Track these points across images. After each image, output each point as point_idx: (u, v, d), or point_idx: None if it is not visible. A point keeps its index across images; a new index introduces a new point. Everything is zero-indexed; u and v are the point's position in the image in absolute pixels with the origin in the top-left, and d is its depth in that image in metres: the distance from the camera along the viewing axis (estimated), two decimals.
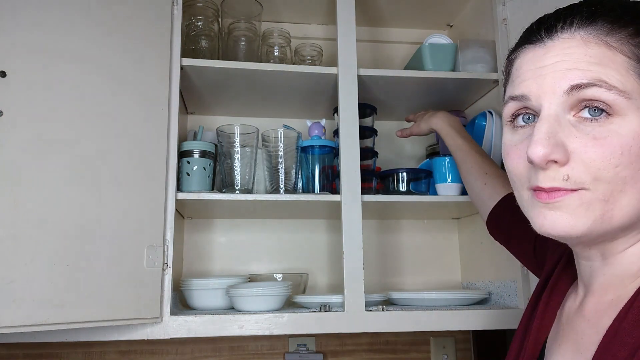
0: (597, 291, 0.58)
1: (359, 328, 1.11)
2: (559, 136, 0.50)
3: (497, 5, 1.30)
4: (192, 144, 1.22)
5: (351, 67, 1.23)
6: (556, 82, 0.51)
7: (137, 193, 1.02)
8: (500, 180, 1.00)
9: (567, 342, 0.59)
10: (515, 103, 0.55)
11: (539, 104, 0.52)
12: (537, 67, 0.53)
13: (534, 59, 0.54)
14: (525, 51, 0.56)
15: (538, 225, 0.53)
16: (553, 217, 0.51)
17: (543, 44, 0.53)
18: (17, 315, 0.86)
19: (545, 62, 0.52)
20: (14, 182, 0.89)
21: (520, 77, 0.55)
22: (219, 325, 1.07)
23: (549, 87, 0.51)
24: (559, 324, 0.63)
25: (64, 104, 0.96)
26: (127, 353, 1.38)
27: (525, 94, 0.54)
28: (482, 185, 1.02)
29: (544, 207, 0.52)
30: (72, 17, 1.00)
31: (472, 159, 1.07)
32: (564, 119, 0.51)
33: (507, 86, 0.59)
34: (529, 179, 0.54)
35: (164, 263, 1.05)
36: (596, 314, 0.56)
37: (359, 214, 1.16)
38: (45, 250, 0.90)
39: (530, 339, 0.64)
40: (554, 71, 0.51)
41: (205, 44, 1.29)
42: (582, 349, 0.55)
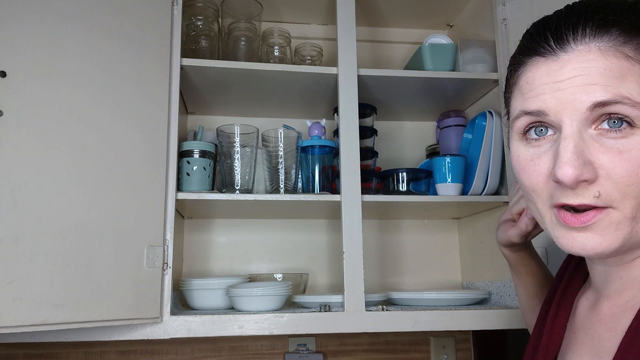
0: (612, 295, 0.58)
1: (359, 328, 1.11)
2: (585, 154, 0.49)
3: (497, 5, 1.30)
4: (192, 144, 1.22)
5: (351, 67, 1.23)
6: (576, 98, 0.49)
7: (137, 193, 1.02)
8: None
9: (583, 348, 0.58)
10: (529, 117, 0.53)
11: (559, 119, 0.50)
12: (554, 82, 0.51)
13: (548, 72, 0.52)
14: (536, 63, 0.53)
15: (567, 246, 0.52)
16: (582, 239, 0.51)
17: (557, 57, 0.51)
18: (17, 315, 0.85)
19: (563, 77, 0.50)
20: (14, 182, 0.89)
21: (533, 90, 0.53)
22: (219, 325, 1.07)
23: (569, 102, 0.50)
24: (572, 332, 0.63)
25: (64, 104, 0.96)
26: (127, 353, 1.38)
27: (543, 109, 0.51)
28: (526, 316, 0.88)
29: (573, 229, 0.51)
30: (72, 17, 1.00)
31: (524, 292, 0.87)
32: (586, 133, 0.50)
33: (514, 98, 0.57)
34: (552, 196, 0.52)
35: (164, 263, 1.05)
36: (613, 318, 0.56)
37: (359, 214, 1.16)
38: (45, 250, 0.90)
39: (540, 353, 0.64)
40: (573, 86, 0.49)
41: (205, 44, 1.29)
42: (602, 354, 0.55)
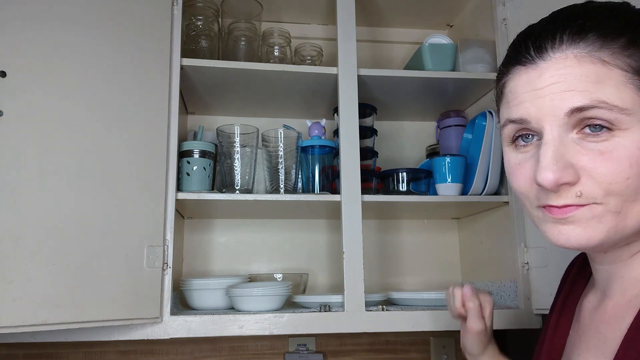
0: (615, 294, 0.58)
1: (359, 328, 1.11)
2: (566, 157, 0.50)
3: (497, 5, 1.31)
4: (192, 144, 1.22)
5: (351, 67, 1.23)
6: (555, 105, 0.51)
7: (137, 193, 1.02)
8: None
9: (589, 349, 0.59)
10: (515, 125, 0.55)
11: (540, 126, 0.52)
12: (533, 90, 0.52)
13: (528, 81, 0.53)
14: (518, 72, 0.55)
15: (553, 239, 0.54)
16: (567, 231, 0.52)
17: (536, 66, 0.53)
18: (17, 315, 0.85)
19: (541, 84, 0.52)
20: (14, 182, 0.89)
21: (516, 99, 0.54)
22: (219, 325, 1.07)
23: (549, 109, 0.51)
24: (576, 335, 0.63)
25: (64, 104, 0.96)
26: (127, 353, 1.38)
27: (525, 117, 0.53)
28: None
29: (557, 222, 0.53)
30: (72, 17, 1.00)
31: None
32: (566, 138, 0.51)
33: (502, 107, 0.59)
34: (538, 198, 0.54)
35: (164, 263, 1.05)
36: (616, 317, 0.57)
37: (359, 214, 1.16)
38: (45, 250, 0.90)
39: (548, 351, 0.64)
40: (552, 93, 0.51)
41: (205, 44, 1.29)
42: (606, 353, 0.55)
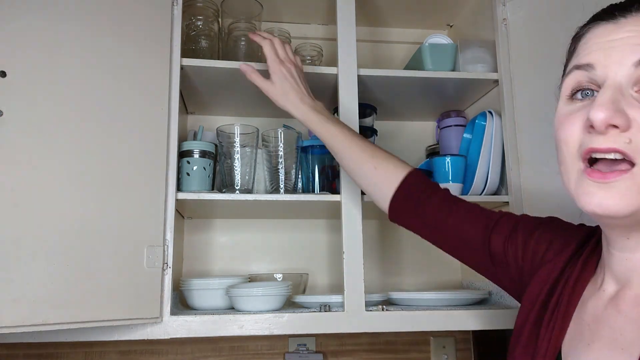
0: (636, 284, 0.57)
1: (359, 328, 1.11)
2: (621, 104, 0.51)
3: (497, 5, 1.30)
4: (192, 144, 1.22)
5: (351, 67, 1.23)
6: (625, 55, 0.52)
7: (137, 193, 1.02)
8: (391, 161, 0.94)
9: (600, 340, 0.57)
10: (579, 72, 0.56)
11: (605, 73, 0.53)
12: (607, 40, 0.54)
13: (604, 32, 0.55)
14: (597, 26, 0.56)
15: (584, 203, 0.53)
16: (601, 196, 0.51)
17: (616, 20, 0.54)
18: (17, 315, 0.85)
19: (616, 37, 0.53)
20: (14, 182, 0.89)
21: (588, 49, 0.56)
22: (219, 325, 1.07)
23: (617, 58, 0.52)
24: (581, 324, 0.61)
25: (64, 104, 0.96)
26: (127, 353, 1.38)
27: (592, 62, 0.54)
28: (373, 169, 0.94)
29: (594, 185, 0.52)
30: (72, 17, 1.00)
31: (352, 144, 0.96)
32: (627, 91, 0.52)
33: (571, 60, 0.59)
34: (582, 143, 0.53)
35: (164, 263, 1.05)
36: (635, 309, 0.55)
37: (359, 214, 1.16)
38: (45, 250, 0.90)
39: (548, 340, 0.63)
40: (624, 45, 0.52)
41: (205, 44, 1.29)
42: (624, 345, 0.54)
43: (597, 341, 0.57)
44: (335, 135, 0.97)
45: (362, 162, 0.95)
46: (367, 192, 0.99)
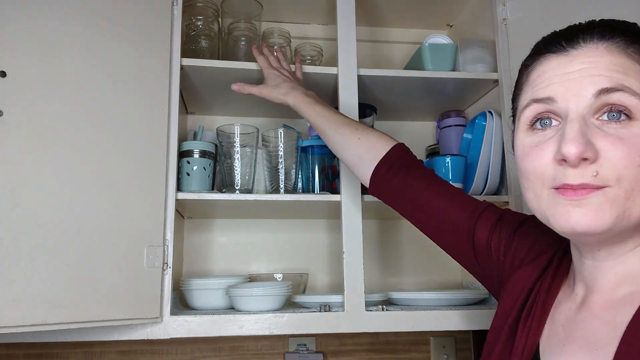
0: (605, 289, 0.59)
1: (359, 328, 1.11)
2: (588, 136, 0.53)
3: (497, 5, 1.30)
4: (192, 144, 1.22)
5: (351, 67, 1.23)
6: (583, 86, 0.54)
7: (137, 193, 1.02)
8: (375, 133, 0.96)
9: (574, 341, 0.59)
10: (539, 105, 0.57)
11: (566, 105, 0.55)
12: (564, 73, 0.56)
13: (559, 65, 0.57)
14: (548, 59, 0.58)
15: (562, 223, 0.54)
16: (578, 214, 0.53)
17: (567, 53, 0.56)
18: (17, 315, 0.85)
19: (572, 69, 0.55)
20: (14, 182, 0.89)
21: (545, 82, 0.57)
22: (219, 325, 1.07)
23: (576, 90, 0.54)
24: (555, 325, 0.63)
25: (64, 104, 0.96)
26: (127, 353, 1.38)
27: (552, 96, 0.56)
28: (357, 140, 0.95)
29: (569, 204, 0.54)
30: (72, 17, 1.00)
31: (337, 120, 1.00)
32: (589, 120, 0.54)
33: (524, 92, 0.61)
34: (554, 178, 0.55)
35: (164, 263, 1.05)
36: (608, 311, 0.57)
37: (359, 214, 1.16)
38: (45, 250, 0.90)
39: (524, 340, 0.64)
40: (581, 77, 0.54)
41: (205, 44, 1.29)
42: (597, 346, 0.56)
43: (572, 342, 0.59)
44: (322, 114, 1.01)
45: (346, 135, 0.97)
46: (350, 165, 0.99)
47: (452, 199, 0.85)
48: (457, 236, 0.83)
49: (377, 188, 0.93)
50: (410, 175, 0.89)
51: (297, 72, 1.21)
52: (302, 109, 1.05)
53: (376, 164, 0.92)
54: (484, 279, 0.83)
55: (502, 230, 0.78)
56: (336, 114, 1.02)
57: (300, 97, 1.06)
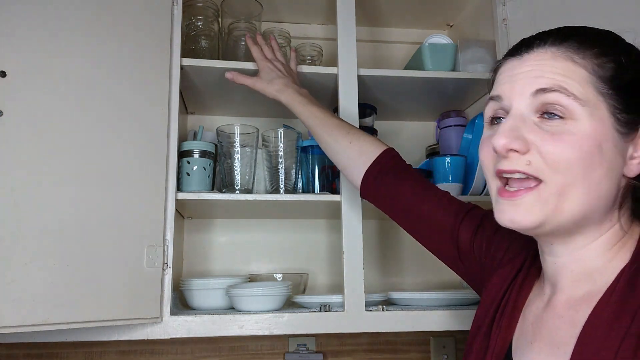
0: (566, 288, 0.62)
1: (359, 328, 1.11)
2: (522, 131, 0.58)
3: (497, 5, 1.31)
4: (192, 144, 1.22)
5: (351, 67, 1.23)
6: (525, 87, 0.59)
7: (137, 193, 1.02)
8: (366, 137, 0.98)
9: (540, 339, 0.62)
10: (493, 103, 0.64)
11: (510, 103, 0.60)
12: (512, 74, 0.61)
13: (511, 67, 0.62)
14: (507, 61, 0.64)
15: (499, 218, 0.61)
16: (511, 213, 0.59)
17: (520, 56, 0.62)
18: (17, 315, 0.85)
19: (520, 70, 0.61)
20: (14, 182, 0.89)
21: (499, 82, 0.64)
22: (219, 325, 1.07)
23: (519, 89, 0.60)
24: (526, 323, 0.66)
25: (64, 104, 0.96)
26: (127, 353, 1.38)
27: (500, 94, 0.62)
28: (348, 144, 0.98)
29: (506, 203, 0.60)
30: (72, 17, 1.00)
31: (330, 122, 1.01)
32: (529, 119, 0.59)
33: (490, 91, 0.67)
34: (495, 165, 0.61)
35: (164, 263, 1.05)
36: (569, 310, 0.60)
37: (359, 214, 1.16)
38: (45, 250, 0.90)
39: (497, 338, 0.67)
40: (525, 77, 0.60)
41: (205, 44, 1.29)
42: (559, 344, 0.59)
43: (538, 340, 0.62)
44: (315, 115, 1.03)
45: (338, 138, 0.99)
46: (341, 167, 1.03)
47: (438, 202, 0.88)
48: (442, 238, 0.86)
49: (367, 192, 0.96)
50: (398, 179, 0.92)
51: (291, 63, 1.20)
52: (295, 107, 1.05)
53: (366, 169, 0.95)
54: (469, 279, 0.86)
55: (484, 232, 0.81)
56: (329, 116, 1.03)
57: (293, 95, 1.06)
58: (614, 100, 0.57)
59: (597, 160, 0.56)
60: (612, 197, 0.58)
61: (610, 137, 0.57)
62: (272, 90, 1.09)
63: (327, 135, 1.01)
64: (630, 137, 0.58)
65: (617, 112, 0.57)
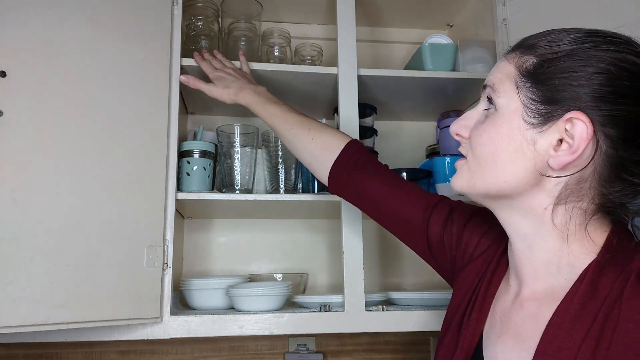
0: (529, 280, 0.64)
1: (359, 328, 1.11)
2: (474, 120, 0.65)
3: (497, 5, 1.31)
4: (192, 144, 1.22)
5: (351, 67, 1.23)
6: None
7: (137, 193, 1.02)
8: (328, 132, 0.97)
9: (507, 333, 0.63)
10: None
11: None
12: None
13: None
14: None
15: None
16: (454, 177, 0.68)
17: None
18: (17, 315, 0.85)
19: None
20: (14, 182, 0.89)
21: None
22: (219, 325, 1.07)
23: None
24: (494, 316, 0.67)
25: (64, 104, 0.96)
26: (128, 353, 1.38)
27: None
28: (310, 141, 0.97)
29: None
30: (72, 17, 1.00)
31: (290, 119, 1.00)
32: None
33: None
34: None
35: (164, 263, 1.05)
36: (533, 304, 0.61)
37: (359, 214, 1.16)
38: (45, 250, 0.90)
39: (467, 332, 0.67)
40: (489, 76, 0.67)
41: (205, 44, 1.29)
42: (524, 338, 0.60)
43: (505, 334, 0.63)
44: (274, 114, 1.01)
45: (300, 135, 0.98)
46: (307, 164, 1.01)
47: (407, 194, 0.87)
48: (412, 231, 0.86)
49: (335, 189, 0.96)
50: (364, 173, 0.91)
51: (242, 66, 1.19)
52: (254, 109, 1.05)
53: (331, 165, 0.94)
54: (442, 272, 0.86)
55: (453, 225, 0.81)
56: (288, 113, 1.01)
57: (250, 96, 1.05)
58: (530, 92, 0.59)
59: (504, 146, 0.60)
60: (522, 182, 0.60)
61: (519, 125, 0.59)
62: (228, 94, 1.09)
63: (288, 134, 0.99)
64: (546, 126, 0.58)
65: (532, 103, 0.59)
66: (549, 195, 0.60)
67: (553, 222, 0.60)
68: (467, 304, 0.72)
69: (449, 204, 0.84)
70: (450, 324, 0.73)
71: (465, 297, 0.73)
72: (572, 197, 0.59)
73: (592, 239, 0.59)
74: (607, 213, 0.60)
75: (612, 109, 0.55)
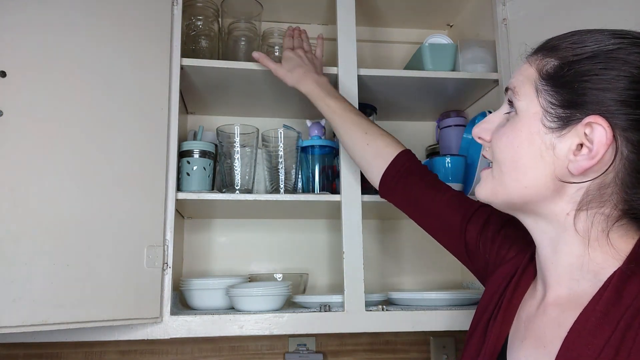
0: (553, 285, 0.63)
1: (359, 328, 1.11)
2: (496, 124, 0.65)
3: (497, 5, 1.31)
4: (192, 144, 1.22)
5: (351, 67, 1.23)
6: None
7: (137, 193, 1.02)
8: (383, 139, 0.99)
9: (530, 337, 0.63)
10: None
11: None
12: None
13: None
14: None
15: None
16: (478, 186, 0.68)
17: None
18: (17, 315, 0.86)
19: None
20: (13, 182, 0.89)
21: None
22: (219, 325, 1.07)
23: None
24: (520, 321, 0.67)
25: (64, 103, 0.96)
26: (128, 353, 1.38)
27: None
28: (365, 146, 0.99)
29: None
30: (72, 17, 1.00)
31: (349, 120, 1.02)
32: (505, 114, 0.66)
33: None
34: None
35: (164, 263, 1.05)
36: (556, 309, 0.61)
37: (359, 214, 1.16)
38: (45, 250, 0.90)
39: (492, 335, 0.67)
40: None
41: (205, 44, 1.29)
42: (546, 343, 0.59)
43: (528, 338, 0.63)
44: (334, 110, 1.04)
45: (356, 138, 1.01)
46: (360, 167, 1.05)
47: (449, 201, 0.90)
48: (452, 236, 0.88)
49: (385, 193, 0.99)
50: (413, 180, 0.94)
51: (317, 50, 1.19)
52: (314, 100, 1.07)
53: (383, 172, 0.97)
54: (476, 273, 0.88)
55: (489, 230, 0.82)
56: (347, 111, 1.03)
57: (311, 86, 1.07)
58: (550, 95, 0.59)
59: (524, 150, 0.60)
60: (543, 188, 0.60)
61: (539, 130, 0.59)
62: (290, 79, 1.10)
63: (344, 133, 1.02)
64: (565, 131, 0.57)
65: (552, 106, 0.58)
66: (571, 200, 0.59)
67: (575, 228, 0.60)
68: (495, 306, 0.72)
69: (486, 210, 0.86)
70: (478, 324, 0.74)
71: (493, 298, 0.73)
72: (594, 203, 0.58)
73: (616, 245, 0.58)
74: (636, 220, 0.59)
75: (635, 113, 0.54)
